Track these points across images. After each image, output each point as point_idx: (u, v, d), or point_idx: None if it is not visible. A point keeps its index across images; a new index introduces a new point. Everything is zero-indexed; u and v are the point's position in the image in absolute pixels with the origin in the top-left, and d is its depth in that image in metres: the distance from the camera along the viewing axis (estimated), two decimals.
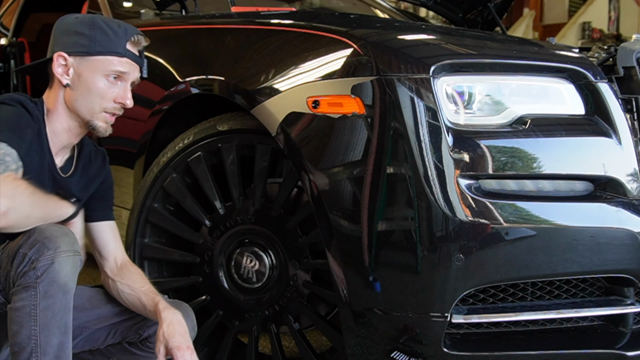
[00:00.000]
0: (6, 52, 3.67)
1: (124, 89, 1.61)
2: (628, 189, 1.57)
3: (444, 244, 1.49)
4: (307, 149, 1.64)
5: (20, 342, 1.39)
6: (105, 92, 1.59)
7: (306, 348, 1.86)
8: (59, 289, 1.40)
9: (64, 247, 1.42)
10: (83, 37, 1.58)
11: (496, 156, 1.53)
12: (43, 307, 1.39)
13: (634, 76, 1.70)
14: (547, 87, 1.65)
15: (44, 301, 1.39)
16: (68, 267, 1.42)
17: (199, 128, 1.95)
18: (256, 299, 1.91)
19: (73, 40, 1.58)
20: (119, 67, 1.59)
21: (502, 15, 2.87)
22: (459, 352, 1.55)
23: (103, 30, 1.58)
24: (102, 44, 1.58)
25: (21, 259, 1.40)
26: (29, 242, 1.42)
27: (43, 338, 1.39)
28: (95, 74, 1.58)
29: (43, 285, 1.39)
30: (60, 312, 1.41)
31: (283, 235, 1.85)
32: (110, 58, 1.58)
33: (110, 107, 1.60)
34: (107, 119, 1.61)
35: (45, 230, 1.44)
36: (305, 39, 1.77)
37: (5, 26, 3.88)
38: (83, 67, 1.58)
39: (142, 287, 1.70)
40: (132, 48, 1.62)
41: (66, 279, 1.42)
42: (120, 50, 1.59)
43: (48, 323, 1.40)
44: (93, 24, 1.59)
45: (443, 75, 1.56)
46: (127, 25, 1.63)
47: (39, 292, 1.39)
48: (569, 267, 1.54)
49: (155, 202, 2.00)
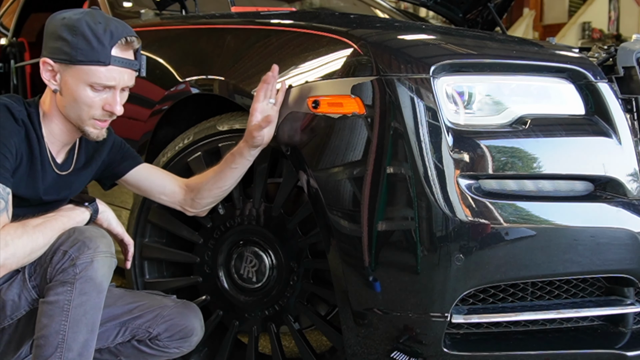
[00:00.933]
0: (6, 52, 3.67)
1: (112, 96, 1.54)
2: (628, 189, 1.57)
3: (444, 244, 1.49)
4: (307, 149, 1.64)
5: (48, 336, 1.42)
6: (92, 100, 1.52)
7: (306, 348, 1.86)
8: (95, 287, 1.44)
9: (102, 247, 1.47)
10: (65, 44, 1.48)
11: (496, 156, 1.53)
12: (77, 304, 1.43)
13: (634, 76, 1.70)
14: (547, 87, 1.65)
15: (79, 298, 1.43)
16: (105, 268, 1.46)
17: (199, 128, 1.95)
18: (256, 299, 1.91)
19: (57, 46, 1.50)
20: (103, 78, 1.50)
21: (502, 15, 2.87)
22: (459, 352, 1.55)
23: (85, 36, 1.47)
24: (85, 52, 1.48)
25: (61, 255, 1.44)
26: (70, 240, 1.46)
27: (71, 334, 1.43)
28: (80, 83, 1.51)
29: (80, 282, 1.43)
30: (92, 311, 1.45)
31: (283, 235, 1.85)
32: (93, 68, 1.49)
33: (98, 114, 1.54)
34: (97, 125, 1.57)
35: (86, 230, 1.49)
36: (305, 39, 1.77)
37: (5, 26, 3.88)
38: (68, 75, 1.51)
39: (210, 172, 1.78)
40: (121, 52, 1.52)
41: (102, 278, 1.46)
42: (104, 59, 1.48)
43: (79, 320, 1.43)
44: (75, 30, 1.48)
45: (443, 75, 1.56)
46: (114, 28, 1.51)
47: (76, 289, 1.43)
48: (569, 267, 1.54)
49: (156, 202, 2.00)
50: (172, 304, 1.76)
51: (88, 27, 1.48)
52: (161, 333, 1.72)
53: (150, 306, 1.74)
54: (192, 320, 1.75)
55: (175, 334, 1.73)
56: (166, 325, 1.72)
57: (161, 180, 1.82)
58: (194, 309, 1.78)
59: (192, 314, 1.76)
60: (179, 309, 1.75)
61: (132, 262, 2.04)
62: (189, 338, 1.75)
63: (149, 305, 1.74)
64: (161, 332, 1.72)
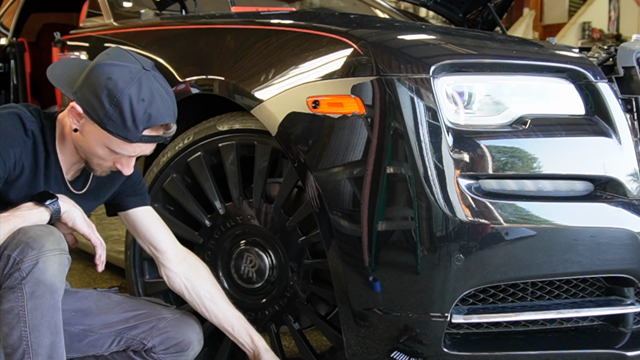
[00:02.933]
0: (6, 52, 3.67)
1: (127, 160, 1.54)
2: (628, 189, 1.57)
3: (444, 244, 1.49)
4: (307, 149, 1.64)
5: (12, 344, 1.39)
6: (105, 157, 1.52)
7: (306, 348, 1.86)
8: (46, 288, 1.39)
9: (49, 246, 1.41)
10: (101, 107, 1.44)
11: (496, 156, 1.53)
12: (31, 308, 1.38)
13: (634, 76, 1.70)
14: (547, 87, 1.65)
15: (31, 302, 1.38)
16: (54, 266, 1.41)
17: (199, 128, 1.96)
18: (256, 299, 1.91)
19: (93, 102, 1.45)
20: (124, 151, 1.49)
21: (502, 15, 2.87)
22: (459, 352, 1.55)
23: (122, 113, 1.43)
24: (116, 126, 1.44)
25: (6, 260, 1.39)
26: (13, 243, 1.41)
27: (34, 339, 1.39)
28: (100, 142, 1.49)
29: (29, 285, 1.38)
30: (50, 312, 1.40)
31: (283, 235, 1.85)
32: (119, 140, 1.47)
33: (107, 166, 1.56)
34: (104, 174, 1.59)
35: (30, 230, 1.43)
36: (305, 39, 1.77)
37: (5, 26, 3.88)
38: (91, 129, 1.49)
39: (223, 300, 1.76)
40: (153, 132, 1.49)
41: (52, 278, 1.40)
42: (132, 138, 1.46)
43: (37, 324, 1.39)
44: (116, 102, 1.42)
45: (443, 75, 1.56)
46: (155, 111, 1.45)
47: (26, 293, 1.38)
48: (569, 267, 1.54)
49: (155, 202, 2.00)
50: (170, 315, 1.74)
51: (129, 104, 1.43)
52: (156, 345, 1.70)
53: (147, 316, 1.72)
54: (189, 334, 1.72)
55: (170, 347, 1.71)
56: (161, 338, 1.70)
57: (159, 234, 1.77)
58: (191, 323, 1.75)
59: (189, 328, 1.73)
60: (176, 322, 1.72)
61: (132, 262, 2.06)
62: (185, 352, 1.72)
63: (147, 315, 1.72)
64: (156, 345, 1.70)
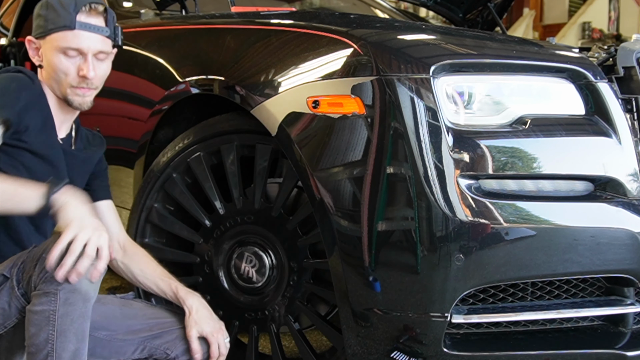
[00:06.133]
0: (6, 52, 3.67)
1: (84, 61, 1.60)
2: (628, 189, 1.57)
3: (444, 244, 1.49)
4: (307, 149, 1.64)
5: (38, 344, 1.39)
6: (66, 67, 1.60)
7: (306, 348, 1.86)
8: (80, 297, 1.39)
9: None
10: (40, 19, 1.61)
11: (496, 156, 1.53)
12: (62, 314, 1.38)
13: (634, 76, 1.70)
14: (547, 87, 1.66)
15: (64, 308, 1.38)
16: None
17: (199, 128, 1.95)
18: (256, 299, 1.91)
19: (36, 23, 1.63)
20: (70, 42, 1.58)
21: (502, 15, 2.87)
22: (459, 352, 1.55)
23: (53, 7, 1.59)
24: (53, 21, 1.59)
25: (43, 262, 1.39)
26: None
27: (59, 343, 1.38)
28: (54, 51, 1.60)
29: (64, 292, 1.37)
30: (79, 320, 1.40)
31: (283, 235, 1.85)
32: (61, 34, 1.59)
33: (75, 82, 1.61)
34: (78, 92, 1.62)
35: None
36: (305, 39, 1.77)
37: (5, 26, 3.88)
38: (45, 48, 1.62)
39: (154, 271, 1.76)
40: (86, 18, 1.60)
41: (87, 287, 1.40)
42: (69, 23, 1.58)
43: (66, 330, 1.39)
44: (47, 4, 1.61)
45: (443, 75, 1.56)
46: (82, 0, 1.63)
47: (59, 299, 1.37)
48: (569, 267, 1.54)
49: (156, 202, 2.00)
50: None
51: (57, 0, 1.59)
52: (179, 356, 1.67)
53: (170, 325, 1.69)
54: None
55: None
56: (185, 349, 1.66)
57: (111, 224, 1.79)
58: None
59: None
60: None
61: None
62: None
63: (170, 324, 1.69)
64: (179, 355, 1.67)
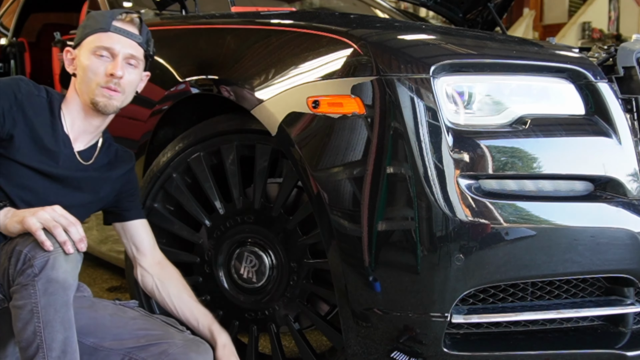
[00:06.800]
0: (6, 52, 3.67)
1: (114, 62, 1.67)
2: (628, 189, 1.57)
3: (444, 244, 1.49)
4: (307, 149, 1.64)
5: (27, 338, 1.40)
6: (96, 67, 1.66)
7: (306, 348, 1.86)
8: (59, 285, 1.40)
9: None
10: (80, 29, 1.73)
11: (496, 156, 1.53)
12: (44, 304, 1.39)
13: (634, 76, 1.70)
14: (547, 87, 1.65)
15: (45, 298, 1.39)
16: (66, 263, 1.42)
17: (199, 128, 1.95)
18: (256, 299, 1.91)
19: (76, 35, 1.73)
20: (103, 42, 1.66)
21: (502, 15, 2.87)
22: (459, 352, 1.55)
23: (94, 17, 1.72)
24: (91, 26, 1.70)
25: (17, 256, 1.41)
26: (25, 239, 1.42)
27: (47, 334, 1.40)
28: (86, 53, 1.68)
29: (42, 282, 1.38)
30: (63, 308, 1.41)
31: (283, 235, 1.85)
32: (96, 36, 1.68)
33: (103, 81, 1.66)
34: (105, 94, 1.66)
35: None
36: (305, 39, 1.77)
37: (5, 26, 3.88)
38: (79, 53, 1.70)
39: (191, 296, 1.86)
40: (121, 25, 1.69)
41: (65, 275, 1.41)
42: (104, 25, 1.68)
43: (51, 319, 1.40)
44: (89, 16, 1.73)
45: (443, 75, 1.56)
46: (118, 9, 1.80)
47: (39, 290, 1.39)
48: (569, 267, 1.54)
49: (156, 202, 2.01)
50: (182, 342, 1.68)
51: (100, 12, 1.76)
52: None
53: (158, 339, 1.68)
54: None
55: None
56: None
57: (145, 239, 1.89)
58: (202, 352, 1.69)
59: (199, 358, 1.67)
60: (186, 350, 1.66)
61: None
62: None
63: (158, 337, 1.68)
64: None
